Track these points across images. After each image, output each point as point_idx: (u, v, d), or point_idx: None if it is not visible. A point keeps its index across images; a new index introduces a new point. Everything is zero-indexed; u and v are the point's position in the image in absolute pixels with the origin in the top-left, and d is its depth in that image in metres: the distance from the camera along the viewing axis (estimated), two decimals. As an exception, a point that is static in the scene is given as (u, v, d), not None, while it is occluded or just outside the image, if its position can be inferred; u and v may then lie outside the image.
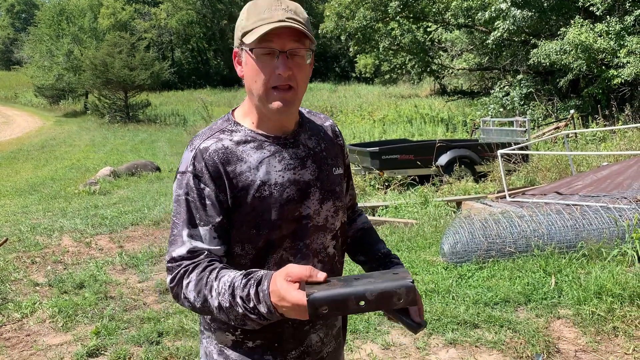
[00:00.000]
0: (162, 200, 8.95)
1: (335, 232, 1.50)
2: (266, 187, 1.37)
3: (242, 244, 1.39)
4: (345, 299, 1.03)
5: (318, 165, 1.47)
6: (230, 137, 1.40)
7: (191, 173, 1.35)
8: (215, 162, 1.35)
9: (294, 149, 1.44)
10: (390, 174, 9.95)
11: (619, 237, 4.73)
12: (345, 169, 1.61)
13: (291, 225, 1.41)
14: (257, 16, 1.33)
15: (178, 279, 1.30)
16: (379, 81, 35.79)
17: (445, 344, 3.58)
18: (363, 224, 1.70)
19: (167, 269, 1.34)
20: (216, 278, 1.24)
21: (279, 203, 1.38)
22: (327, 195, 1.47)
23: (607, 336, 3.57)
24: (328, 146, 1.54)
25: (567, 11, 15.58)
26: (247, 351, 1.42)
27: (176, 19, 44.36)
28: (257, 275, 1.20)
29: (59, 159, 16.16)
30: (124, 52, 26.04)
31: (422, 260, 5.16)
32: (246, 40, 1.34)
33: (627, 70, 12.77)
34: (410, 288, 1.05)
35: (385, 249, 1.64)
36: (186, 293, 1.28)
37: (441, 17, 20.54)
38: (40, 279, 5.22)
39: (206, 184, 1.34)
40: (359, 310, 1.04)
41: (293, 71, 1.33)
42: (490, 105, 17.23)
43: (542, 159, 9.32)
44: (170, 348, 3.63)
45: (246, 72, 1.38)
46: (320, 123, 1.58)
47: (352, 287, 1.04)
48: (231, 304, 1.20)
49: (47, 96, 35.44)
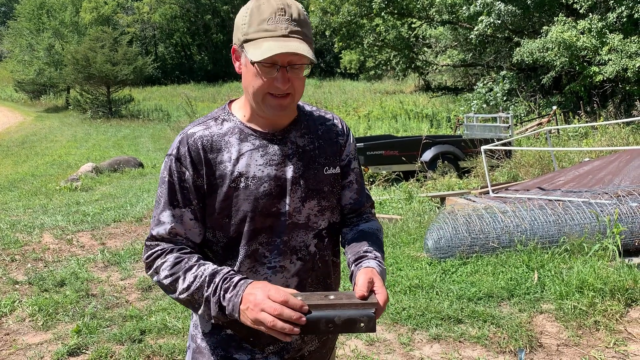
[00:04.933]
0: (145, 197, 8.86)
1: (318, 231, 1.49)
2: (243, 178, 1.40)
3: (214, 231, 1.44)
4: (317, 322, 1.23)
5: (305, 164, 1.46)
6: (220, 126, 1.44)
7: (174, 156, 1.41)
8: (198, 148, 1.40)
9: (280, 146, 1.44)
10: (375, 170, 9.97)
11: (600, 232, 4.79)
12: (343, 169, 1.56)
13: (267, 220, 1.42)
14: (260, 25, 1.32)
15: (154, 257, 1.39)
16: (363, 77, 35.87)
17: (429, 339, 3.58)
18: (369, 228, 1.57)
19: (146, 245, 1.42)
20: (197, 263, 1.36)
21: (254, 196, 1.40)
22: (311, 194, 1.46)
23: (589, 330, 3.61)
24: (324, 145, 1.52)
25: (549, 8, 15.71)
26: (226, 338, 1.47)
27: (159, 13, 43.91)
28: (241, 276, 1.32)
29: (40, 154, 15.93)
30: (106, 46, 25.69)
31: (406, 255, 5.17)
32: (247, 49, 1.33)
33: (610, 69, 12.91)
34: (371, 317, 1.25)
35: (368, 248, 1.48)
36: (159, 270, 1.37)
37: (425, 13, 20.60)
38: (19, 277, 5.14)
39: (186, 168, 1.40)
40: (328, 332, 1.25)
41: (291, 81, 1.35)
42: (473, 101, 17.33)
43: (524, 154, 9.40)
44: (152, 346, 3.58)
45: (244, 74, 1.39)
46: (322, 121, 1.55)
47: (323, 312, 1.23)
48: (202, 285, 1.31)
49: (27, 91, 34.88)
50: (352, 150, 1.59)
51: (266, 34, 1.31)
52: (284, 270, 1.45)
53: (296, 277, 1.46)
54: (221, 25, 45.45)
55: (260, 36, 1.31)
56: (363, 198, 1.62)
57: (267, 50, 1.28)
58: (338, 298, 1.27)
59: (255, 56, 1.29)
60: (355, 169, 1.59)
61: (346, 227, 1.61)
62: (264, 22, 1.31)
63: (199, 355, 1.50)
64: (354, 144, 1.60)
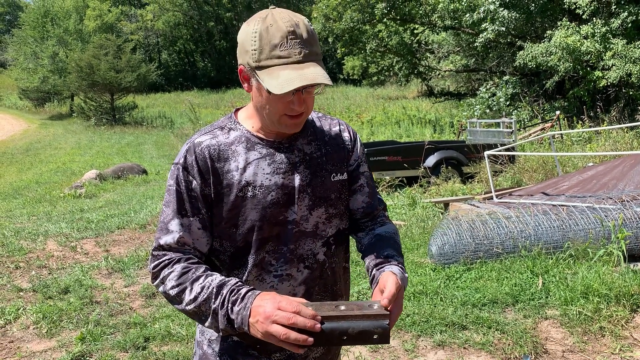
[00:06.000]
0: (148, 204, 8.87)
1: (327, 239, 1.48)
2: (250, 187, 1.39)
3: (221, 240, 1.43)
4: (330, 333, 1.21)
5: (312, 171, 1.45)
6: (227, 135, 1.43)
7: (182, 165, 1.40)
8: (205, 157, 1.39)
9: (287, 154, 1.44)
10: (379, 176, 9.96)
11: (604, 237, 4.77)
12: (352, 174, 1.55)
13: (274, 229, 1.41)
14: (273, 51, 1.28)
15: (161, 267, 1.37)
16: (366, 83, 35.90)
17: (434, 345, 3.57)
18: (385, 232, 1.55)
19: (152, 255, 1.40)
20: (204, 274, 1.33)
21: (262, 205, 1.39)
22: (319, 202, 1.45)
23: (594, 336, 3.59)
24: (331, 152, 1.51)
25: (552, 13, 15.71)
26: (233, 345, 1.46)
27: (163, 20, 44.13)
28: (248, 287, 1.30)
29: (44, 162, 15.99)
30: (110, 54, 25.82)
31: (410, 261, 5.16)
32: (261, 77, 1.30)
33: (613, 74, 12.90)
34: (385, 328, 1.23)
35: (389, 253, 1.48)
36: (165, 280, 1.35)
37: (428, 19, 20.64)
38: (24, 284, 5.15)
39: (194, 177, 1.39)
40: (341, 343, 1.22)
41: (305, 101, 1.36)
42: (476, 107, 17.31)
43: (528, 159, 9.38)
44: (157, 353, 3.58)
45: (256, 97, 1.38)
46: (328, 128, 1.55)
47: (337, 323, 1.22)
48: (209, 297, 1.28)
49: (32, 99, 35.10)
50: (360, 154, 1.57)
51: (280, 62, 1.28)
52: (291, 279, 1.44)
53: (303, 285, 1.45)
54: (224, 32, 45.63)
55: (274, 64, 1.28)
56: (375, 201, 1.60)
57: (287, 83, 1.25)
58: (349, 309, 1.25)
59: (275, 88, 1.26)
60: (366, 172, 1.58)
61: (362, 232, 1.59)
62: (275, 48, 1.28)
63: None
64: (362, 149, 1.59)
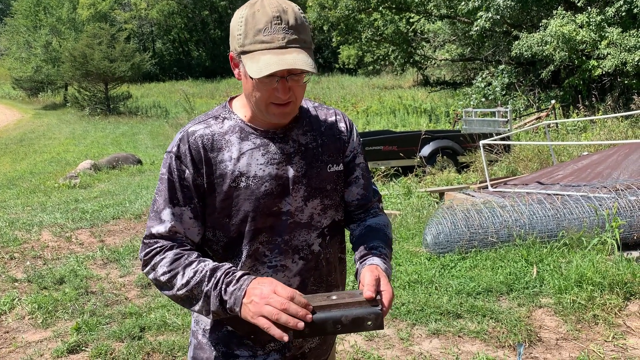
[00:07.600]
0: (143, 194, 8.85)
1: (321, 230, 1.47)
2: (244, 178, 1.38)
3: (214, 230, 1.42)
4: (324, 323, 1.22)
5: (308, 162, 1.44)
6: (221, 125, 1.42)
7: (174, 154, 1.39)
8: (198, 147, 1.38)
9: (281, 144, 1.42)
10: (374, 165, 9.96)
11: (599, 226, 4.79)
12: (348, 165, 1.54)
13: (268, 220, 1.41)
14: (256, 36, 1.28)
15: (153, 254, 1.37)
16: (362, 72, 35.79)
17: (429, 334, 3.59)
18: (376, 223, 1.55)
19: (144, 242, 1.40)
20: (197, 259, 1.33)
21: (255, 196, 1.39)
22: (315, 193, 1.45)
23: (588, 324, 3.62)
24: (327, 142, 1.49)
25: (548, 2, 15.67)
26: (227, 335, 1.47)
27: (157, 9, 43.75)
28: (243, 272, 1.30)
29: (38, 152, 15.91)
30: (103, 43, 25.63)
31: (405, 251, 5.17)
32: (244, 62, 1.30)
33: (608, 62, 12.90)
34: (379, 315, 1.23)
35: (373, 245, 1.48)
36: (156, 266, 1.35)
37: (423, 7, 20.54)
38: (19, 275, 5.14)
39: (186, 166, 1.38)
40: (336, 332, 1.23)
41: (292, 89, 1.33)
42: (472, 96, 17.30)
43: (523, 149, 9.39)
44: (152, 343, 3.59)
45: (244, 83, 1.37)
46: (324, 118, 1.53)
47: (330, 313, 1.22)
48: (202, 279, 1.28)
49: (25, 88, 34.83)
50: (357, 145, 1.56)
51: (263, 46, 1.27)
52: (286, 270, 1.43)
53: (298, 276, 1.45)
54: (219, 21, 45.31)
55: (256, 48, 1.28)
56: (370, 193, 1.60)
57: (265, 67, 1.24)
58: (341, 297, 1.25)
59: (253, 72, 1.26)
60: (361, 163, 1.57)
61: (354, 223, 1.59)
62: (259, 32, 1.27)
63: (200, 351, 1.50)
64: (359, 139, 1.57)
